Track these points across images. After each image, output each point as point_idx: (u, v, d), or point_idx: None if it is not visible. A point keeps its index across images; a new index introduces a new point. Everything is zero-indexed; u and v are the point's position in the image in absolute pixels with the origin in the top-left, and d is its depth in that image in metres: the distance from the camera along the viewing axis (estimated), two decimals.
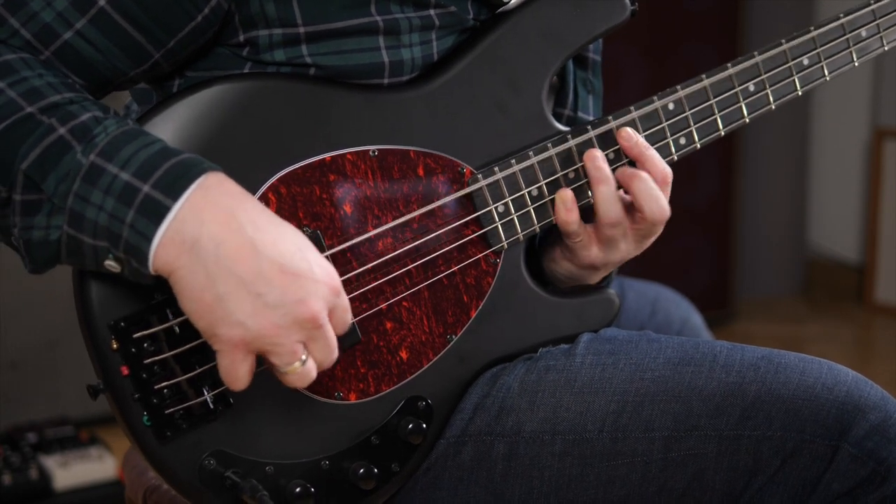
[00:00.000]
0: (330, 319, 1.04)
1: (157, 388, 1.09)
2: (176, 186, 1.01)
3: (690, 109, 1.30)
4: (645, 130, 1.28)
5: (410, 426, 1.18)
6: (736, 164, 3.80)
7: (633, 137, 1.25)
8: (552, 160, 1.25)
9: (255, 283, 1.00)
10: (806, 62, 1.34)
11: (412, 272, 1.20)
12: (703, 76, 1.30)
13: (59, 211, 1.04)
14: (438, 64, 1.22)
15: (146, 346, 1.09)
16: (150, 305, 1.09)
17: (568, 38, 1.27)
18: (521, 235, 1.24)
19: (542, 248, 1.35)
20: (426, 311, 1.21)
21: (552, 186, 1.25)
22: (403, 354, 1.20)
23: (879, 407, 1.16)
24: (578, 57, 1.39)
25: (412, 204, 1.20)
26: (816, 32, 1.34)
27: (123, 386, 1.09)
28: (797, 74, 1.34)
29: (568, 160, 1.25)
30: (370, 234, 1.18)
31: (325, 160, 1.16)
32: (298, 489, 1.13)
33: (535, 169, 1.24)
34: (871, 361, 3.71)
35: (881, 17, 1.38)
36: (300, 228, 1.13)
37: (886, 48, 1.39)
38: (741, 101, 1.32)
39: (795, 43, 1.34)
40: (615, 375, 1.20)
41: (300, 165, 1.15)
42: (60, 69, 1.09)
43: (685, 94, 1.29)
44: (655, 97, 1.28)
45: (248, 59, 1.16)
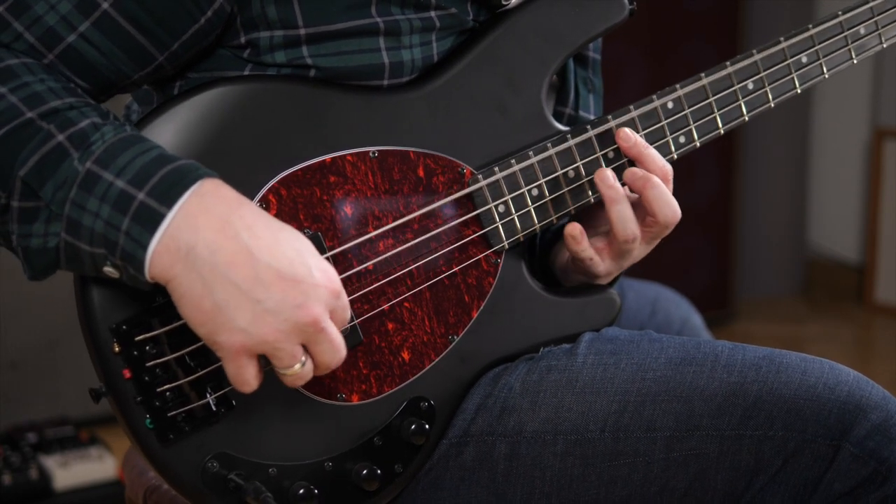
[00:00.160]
0: (332, 319, 1.04)
1: (159, 390, 1.09)
2: (170, 194, 1.01)
3: (689, 108, 1.30)
4: (644, 129, 1.28)
5: (413, 427, 1.18)
6: (736, 163, 3.80)
7: (631, 138, 1.25)
8: (552, 159, 1.25)
9: (252, 289, 1.00)
10: (804, 60, 1.34)
11: (413, 273, 1.20)
12: (701, 75, 1.30)
13: (56, 218, 1.04)
14: (438, 65, 1.22)
15: (148, 348, 1.08)
16: (151, 308, 1.09)
17: (567, 37, 1.27)
18: (521, 235, 1.24)
19: (551, 256, 1.35)
20: (428, 311, 1.21)
21: (552, 186, 1.25)
22: (405, 355, 1.20)
23: (881, 406, 1.16)
24: (579, 55, 1.39)
25: (412, 205, 1.20)
26: (815, 30, 1.34)
27: (125, 389, 1.09)
28: (796, 72, 1.34)
29: (568, 159, 1.25)
30: (371, 234, 1.18)
31: (325, 162, 1.16)
32: (302, 490, 1.13)
33: (535, 168, 1.24)
34: (871, 361, 3.71)
35: (879, 14, 1.38)
36: (301, 230, 1.13)
37: (885, 45, 1.39)
38: (740, 99, 1.32)
39: (794, 41, 1.34)
40: (617, 375, 1.20)
41: (300, 167, 1.15)
42: (64, 72, 1.09)
43: (684, 92, 1.29)
44: (655, 96, 1.28)
45: (248, 60, 1.16)
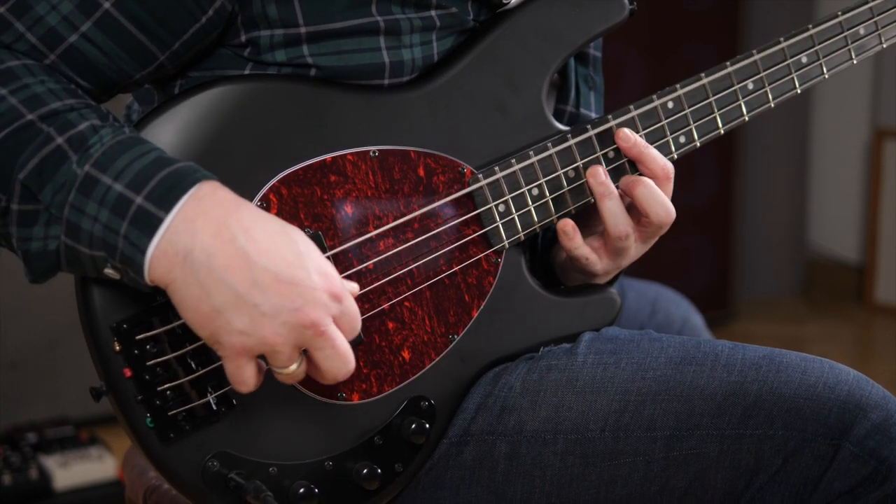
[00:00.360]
0: (339, 327, 1.04)
1: (160, 389, 1.09)
2: (168, 197, 1.01)
3: (689, 108, 1.30)
4: (644, 129, 1.28)
5: (413, 426, 1.18)
6: (736, 163, 3.80)
7: (631, 138, 1.25)
8: (552, 159, 1.25)
9: (249, 292, 1.00)
10: (804, 60, 1.34)
11: (414, 272, 1.20)
12: (701, 75, 1.30)
13: (56, 221, 1.04)
14: (438, 64, 1.22)
15: (149, 347, 1.08)
16: (151, 307, 1.09)
17: (567, 37, 1.27)
18: (522, 235, 1.24)
19: (551, 254, 1.35)
20: (428, 311, 1.21)
21: (553, 185, 1.25)
22: (406, 354, 1.20)
23: (881, 406, 1.16)
24: (579, 53, 1.39)
25: (413, 204, 1.20)
26: (815, 30, 1.35)
27: (126, 388, 1.09)
28: (796, 72, 1.34)
29: (568, 159, 1.25)
30: (371, 234, 1.18)
31: (325, 161, 1.16)
32: (302, 490, 1.13)
33: (535, 168, 1.24)
34: (871, 361, 3.71)
35: (879, 14, 1.38)
36: (301, 229, 1.13)
37: (885, 45, 1.39)
38: (740, 99, 1.32)
39: (794, 41, 1.34)
40: (617, 375, 1.20)
41: (301, 166, 1.15)
42: (66, 73, 1.09)
43: (684, 92, 1.29)
44: (655, 96, 1.28)
45: (249, 59, 1.16)
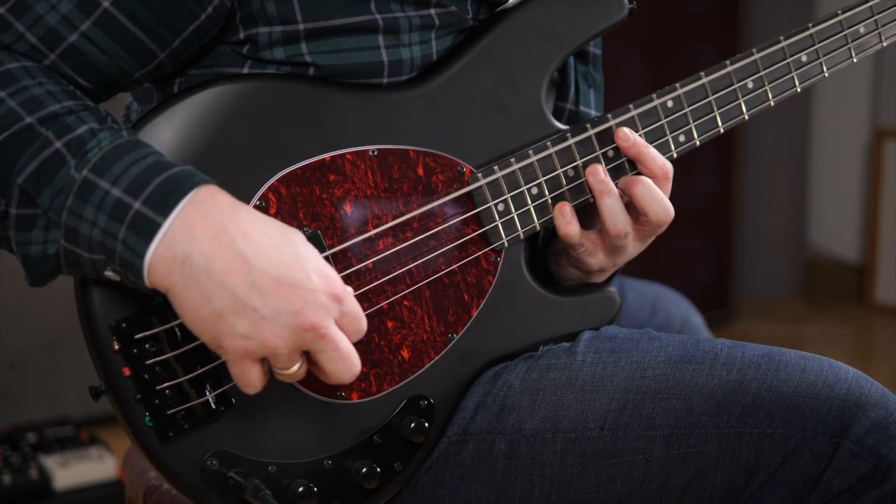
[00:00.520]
0: (342, 329, 1.04)
1: (159, 388, 1.09)
2: (166, 202, 1.01)
3: (689, 107, 1.29)
4: (644, 128, 1.28)
5: (413, 425, 1.18)
6: (735, 163, 3.80)
7: (630, 138, 1.25)
8: (551, 158, 1.25)
9: (249, 296, 1.00)
10: (804, 59, 1.34)
11: (413, 271, 1.20)
12: (701, 74, 1.30)
13: (55, 225, 1.04)
14: (437, 63, 1.22)
15: (148, 346, 1.08)
16: (151, 306, 1.09)
17: (566, 36, 1.27)
18: (521, 233, 1.24)
19: (547, 251, 1.35)
20: (427, 310, 1.21)
21: (552, 184, 1.25)
22: (405, 353, 1.20)
23: (880, 404, 1.16)
24: (579, 51, 1.39)
25: (412, 203, 1.20)
26: (815, 29, 1.34)
27: (125, 387, 1.09)
28: (795, 71, 1.34)
29: (567, 158, 1.25)
30: (370, 233, 1.18)
31: (324, 160, 1.16)
32: (301, 489, 1.13)
33: (534, 167, 1.24)
34: (871, 361, 3.71)
35: (879, 13, 1.38)
36: (300, 228, 1.13)
37: (885, 44, 1.39)
38: (740, 98, 1.32)
39: (793, 40, 1.34)
40: (616, 373, 1.20)
41: (300, 166, 1.15)
42: (66, 72, 1.09)
43: (684, 91, 1.29)
44: (654, 95, 1.28)
45: (247, 56, 1.16)
